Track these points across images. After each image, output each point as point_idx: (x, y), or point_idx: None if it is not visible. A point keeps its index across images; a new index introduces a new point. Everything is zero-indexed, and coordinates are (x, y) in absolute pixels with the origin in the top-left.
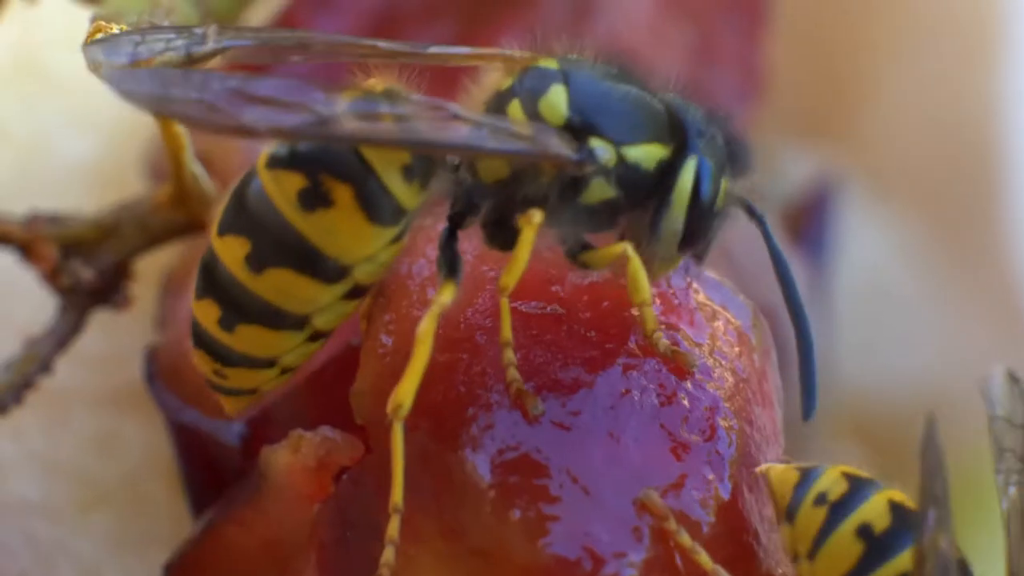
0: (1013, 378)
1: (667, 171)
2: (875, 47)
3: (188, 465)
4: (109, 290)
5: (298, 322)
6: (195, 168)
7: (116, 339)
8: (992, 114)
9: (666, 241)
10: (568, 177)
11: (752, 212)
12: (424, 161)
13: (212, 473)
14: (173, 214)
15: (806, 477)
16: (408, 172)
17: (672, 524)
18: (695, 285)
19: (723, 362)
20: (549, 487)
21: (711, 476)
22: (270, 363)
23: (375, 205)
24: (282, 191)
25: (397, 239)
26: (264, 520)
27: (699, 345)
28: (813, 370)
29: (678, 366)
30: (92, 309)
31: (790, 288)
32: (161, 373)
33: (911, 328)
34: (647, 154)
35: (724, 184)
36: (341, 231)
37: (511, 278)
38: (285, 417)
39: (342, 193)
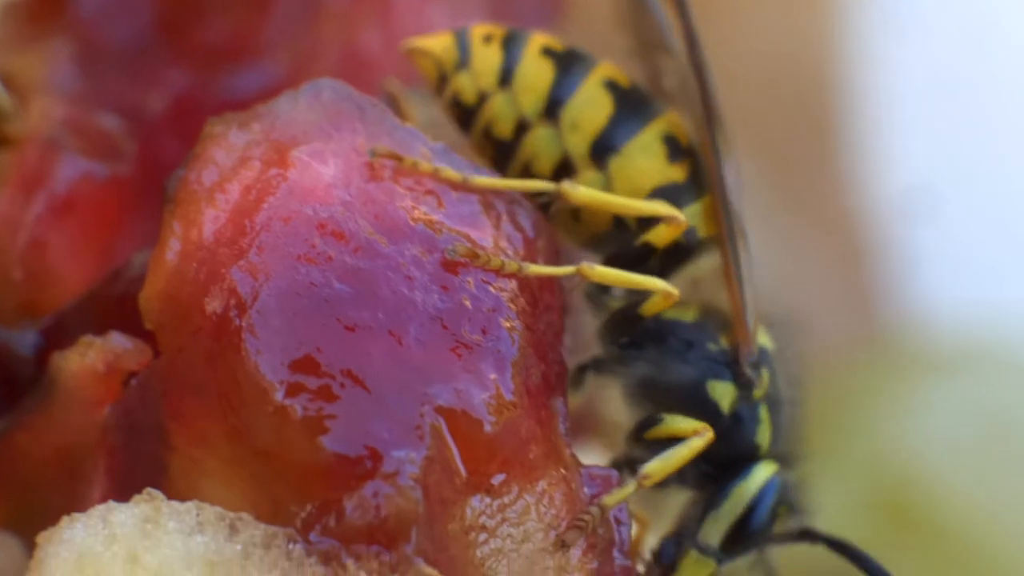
0: None
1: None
2: None
3: None
4: None
5: None
6: None
7: None
8: (828, 49)
9: (721, 519)
10: (718, 360)
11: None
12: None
13: (6, 384)
14: None
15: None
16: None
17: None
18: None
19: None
20: (331, 387)
21: (493, 376)
22: None
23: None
24: None
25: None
26: (54, 426)
27: (484, 249)
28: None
29: None
30: None
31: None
32: None
33: None
34: (764, 429)
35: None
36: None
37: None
38: (79, 327)
39: None
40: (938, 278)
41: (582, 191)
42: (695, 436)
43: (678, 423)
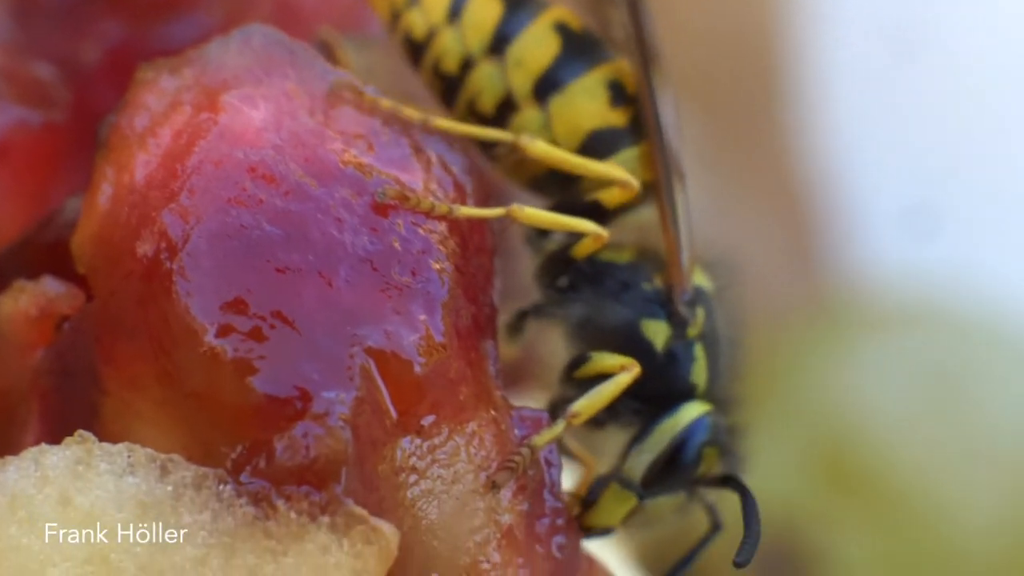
0: None
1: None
2: None
3: None
4: None
5: None
6: None
7: None
8: (776, 2)
9: (645, 452)
10: (652, 299)
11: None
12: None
13: None
14: None
15: None
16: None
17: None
18: (406, 130)
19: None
20: (261, 328)
21: (423, 317)
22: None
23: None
24: None
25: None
26: None
27: (414, 191)
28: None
29: None
30: None
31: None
32: None
33: None
34: (700, 368)
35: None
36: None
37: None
38: (12, 273)
39: None
40: (882, 235)
41: (540, 146)
42: (622, 372)
43: (605, 360)
